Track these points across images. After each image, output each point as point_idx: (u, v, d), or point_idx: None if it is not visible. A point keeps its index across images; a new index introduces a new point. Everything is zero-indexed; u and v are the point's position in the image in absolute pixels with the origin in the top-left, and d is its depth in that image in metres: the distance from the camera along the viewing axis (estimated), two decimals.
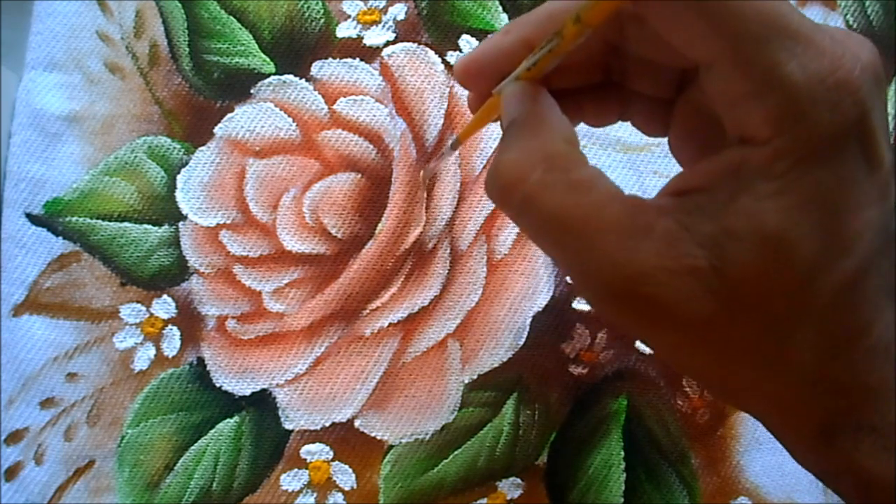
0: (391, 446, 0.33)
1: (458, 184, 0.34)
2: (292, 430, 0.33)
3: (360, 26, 0.35)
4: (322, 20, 0.35)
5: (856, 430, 0.17)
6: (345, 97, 0.34)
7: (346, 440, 0.33)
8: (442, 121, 0.34)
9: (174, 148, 0.34)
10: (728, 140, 0.17)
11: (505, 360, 0.33)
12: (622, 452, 0.33)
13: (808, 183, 0.16)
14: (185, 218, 0.34)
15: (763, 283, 0.16)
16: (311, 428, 0.33)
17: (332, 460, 0.33)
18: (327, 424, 0.33)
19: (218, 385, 0.33)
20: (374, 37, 0.35)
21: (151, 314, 0.33)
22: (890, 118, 0.37)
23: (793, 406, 0.17)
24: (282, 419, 0.33)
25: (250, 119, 0.34)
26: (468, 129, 0.25)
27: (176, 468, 0.32)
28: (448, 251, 0.34)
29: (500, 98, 0.20)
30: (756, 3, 0.15)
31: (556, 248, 0.18)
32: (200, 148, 0.34)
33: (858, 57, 0.16)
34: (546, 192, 0.18)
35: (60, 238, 0.33)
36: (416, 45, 0.35)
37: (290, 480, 0.33)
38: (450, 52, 0.35)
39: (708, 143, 0.19)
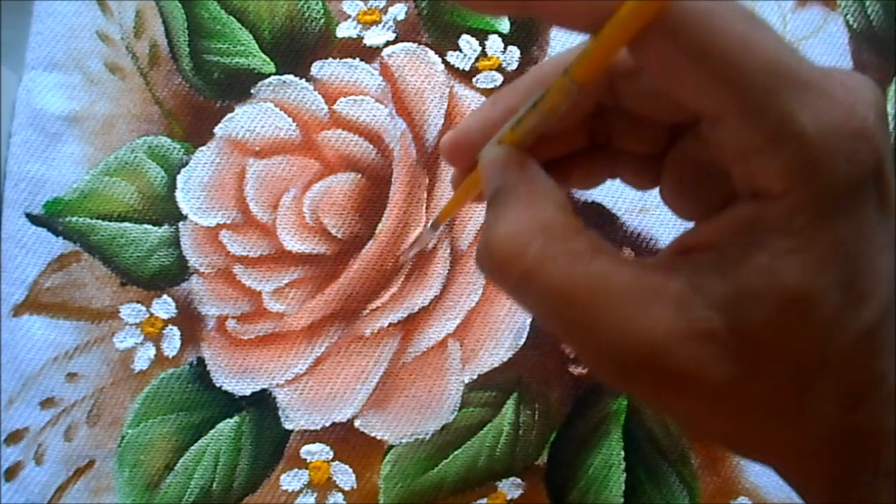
0: (391, 446, 0.33)
1: None
2: (292, 430, 0.33)
3: (360, 26, 0.35)
4: (322, 20, 0.35)
5: (874, 477, 0.17)
6: (345, 97, 0.34)
7: (346, 440, 0.33)
8: (442, 121, 0.34)
9: (174, 148, 0.34)
10: (738, 194, 0.16)
11: (505, 360, 0.33)
12: (622, 452, 0.33)
13: (827, 237, 0.15)
14: (185, 218, 0.33)
15: (784, 340, 0.16)
16: (311, 428, 0.33)
17: (332, 460, 0.33)
18: (327, 424, 0.33)
19: (218, 385, 0.33)
20: (374, 37, 0.35)
21: (151, 314, 0.33)
22: (890, 118, 0.37)
23: (812, 456, 0.17)
24: (282, 419, 0.33)
25: (250, 119, 0.34)
26: (447, 209, 0.24)
27: (176, 468, 0.32)
28: (448, 251, 0.34)
29: (480, 162, 0.19)
30: (763, 53, 0.15)
31: (560, 323, 0.17)
32: (200, 148, 0.34)
33: (869, 102, 0.16)
34: (546, 266, 0.17)
35: (60, 238, 0.33)
36: (416, 45, 0.35)
37: (290, 480, 0.33)
38: (450, 52, 0.35)
39: (703, 194, 0.18)
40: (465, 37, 0.35)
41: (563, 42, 0.36)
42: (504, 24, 0.35)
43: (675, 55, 0.15)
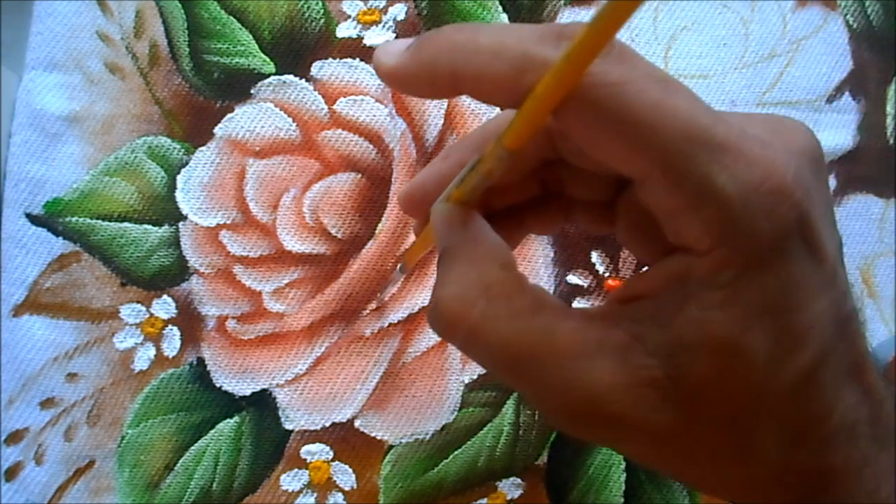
0: (391, 446, 0.33)
1: None
2: (292, 430, 0.33)
3: (360, 26, 0.35)
4: (322, 20, 0.35)
5: None
6: (345, 97, 0.34)
7: (346, 440, 0.33)
8: (442, 121, 0.34)
9: (174, 148, 0.34)
10: (671, 247, 0.17)
11: None
12: None
13: (754, 290, 0.16)
14: (185, 218, 0.34)
15: (719, 388, 0.16)
16: (311, 428, 0.33)
17: (333, 460, 0.33)
18: (327, 424, 0.33)
19: (218, 385, 0.33)
20: (374, 37, 0.35)
21: (151, 314, 0.33)
22: (890, 118, 0.37)
23: (763, 494, 0.18)
24: (282, 419, 0.33)
25: (250, 119, 0.34)
26: (411, 254, 0.25)
27: (176, 468, 0.32)
28: None
29: (430, 220, 0.20)
30: (678, 117, 0.15)
31: (509, 377, 0.18)
32: (200, 148, 0.34)
33: (792, 153, 0.16)
34: (490, 325, 0.17)
35: (60, 238, 0.33)
36: None
37: (290, 480, 0.33)
38: None
39: (653, 237, 0.19)
40: None
41: None
42: (504, 24, 0.35)
43: (594, 126, 0.16)
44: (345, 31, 0.35)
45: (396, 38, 0.35)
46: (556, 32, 0.16)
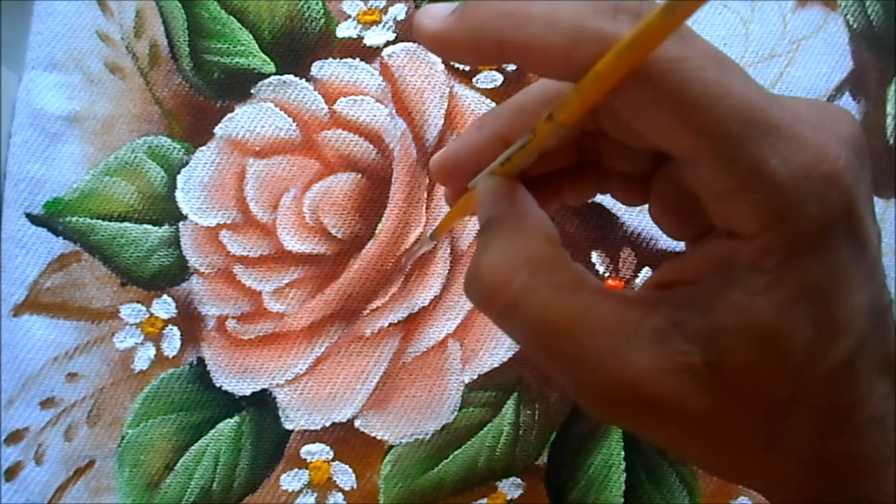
0: (391, 446, 0.33)
1: None
2: (292, 430, 0.33)
3: (360, 26, 0.35)
4: (322, 20, 0.35)
5: (852, 502, 0.17)
6: (345, 97, 0.34)
7: (347, 440, 0.33)
8: (442, 121, 0.34)
9: (174, 148, 0.34)
10: (714, 231, 0.17)
11: (505, 360, 0.33)
12: (622, 452, 0.33)
13: (798, 277, 0.16)
14: (185, 218, 0.33)
15: (758, 375, 0.16)
16: (312, 428, 0.33)
17: (333, 460, 0.33)
18: (327, 424, 0.33)
19: (218, 385, 0.33)
20: (374, 37, 0.35)
21: (151, 314, 0.33)
22: (890, 118, 0.37)
23: (790, 483, 0.17)
24: (282, 419, 0.33)
25: (250, 119, 0.34)
26: (444, 223, 0.25)
27: (176, 468, 0.32)
28: (448, 251, 0.34)
29: (475, 193, 0.20)
30: (733, 98, 0.15)
31: (544, 353, 0.18)
32: (200, 148, 0.34)
33: (841, 140, 0.16)
34: (531, 296, 0.17)
35: (60, 238, 0.33)
36: (416, 45, 0.35)
37: (290, 480, 0.33)
38: None
39: (687, 218, 0.19)
40: None
41: None
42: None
43: (649, 103, 0.16)
44: (345, 30, 0.35)
45: (396, 38, 0.35)
46: (613, 6, 0.16)
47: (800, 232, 0.15)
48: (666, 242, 0.34)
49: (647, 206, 0.21)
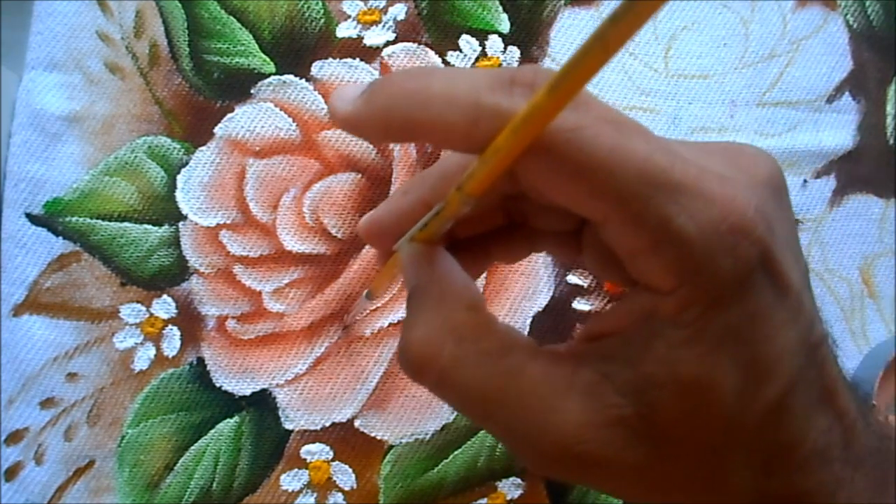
0: (391, 446, 0.33)
1: None
2: (292, 430, 0.33)
3: (360, 26, 0.35)
4: (322, 20, 0.35)
5: None
6: None
7: (346, 440, 0.33)
8: None
9: (174, 148, 0.34)
10: (638, 284, 0.17)
11: None
12: None
13: (718, 327, 0.16)
14: (185, 218, 0.33)
15: (689, 424, 0.16)
16: (311, 428, 0.33)
17: (332, 460, 0.33)
18: (327, 424, 0.33)
19: (218, 385, 0.33)
20: (374, 37, 0.35)
21: (151, 314, 0.33)
22: (890, 118, 0.37)
23: None
24: (282, 419, 0.33)
25: (250, 119, 0.34)
26: (377, 284, 0.26)
27: (176, 468, 0.32)
28: None
29: (397, 259, 0.20)
30: (634, 160, 0.15)
31: (480, 420, 0.18)
32: (200, 148, 0.34)
33: (755, 184, 0.16)
34: (459, 367, 0.17)
35: (60, 238, 0.33)
36: (416, 45, 0.35)
37: (290, 480, 0.33)
38: (450, 52, 0.35)
39: (618, 269, 0.19)
40: (465, 37, 0.35)
41: (562, 42, 0.36)
42: (504, 25, 0.35)
43: (551, 172, 0.16)
44: (345, 30, 0.35)
45: (396, 38, 0.35)
46: (509, 78, 0.16)
47: (715, 285, 0.15)
48: None
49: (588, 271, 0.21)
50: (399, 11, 0.35)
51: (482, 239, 0.22)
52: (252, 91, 0.34)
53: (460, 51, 0.35)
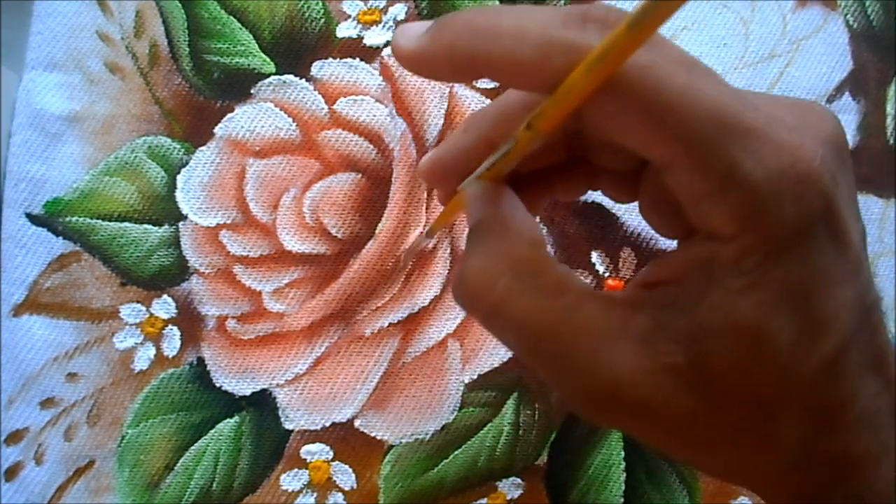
0: (391, 446, 0.33)
1: None
2: (292, 430, 0.33)
3: (360, 26, 0.35)
4: (322, 20, 0.35)
5: (843, 500, 0.17)
6: (345, 97, 0.34)
7: (346, 440, 0.33)
8: (442, 121, 0.34)
9: (174, 148, 0.34)
10: (696, 231, 0.17)
11: (505, 360, 0.33)
12: (622, 452, 0.33)
13: (778, 276, 0.16)
14: (185, 218, 0.34)
15: (742, 375, 0.16)
16: (311, 428, 0.33)
17: (332, 460, 0.33)
18: (327, 424, 0.33)
19: (218, 385, 0.33)
20: (374, 37, 0.35)
21: (151, 314, 0.33)
22: (890, 118, 0.37)
23: (781, 481, 0.18)
24: (282, 419, 0.33)
25: (250, 119, 0.34)
26: (438, 222, 0.26)
27: (176, 468, 0.32)
28: (448, 251, 0.34)
29: (463, 197, 0.20)
30: (705, 102, 0.15)
31: (529, 355, 0.18)
32: (200, 148, 0.34)
33: (820, 139, 0.16)
34: (515, 299, 0.17)
35: (60, 238, 0.33)
36: None
37: (290, 480, 0.33)
38: None
39: (675, 215, 0.19)
40: None
41: None
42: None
43: (621, 111, 0.16)
44: (345, 30, 0.35)
45: None
46: (582, 14, 0.16)
47: (777, 232, 0.15)
48: (666, 242, 0.34)
49: (642, 216, 0.21)
50: (399, 11, 0.35)
51: (543, 174, 0.22)
52: (252, 91, 0.34)
53: None
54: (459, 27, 0.17)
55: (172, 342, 0.33)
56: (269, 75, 0.34)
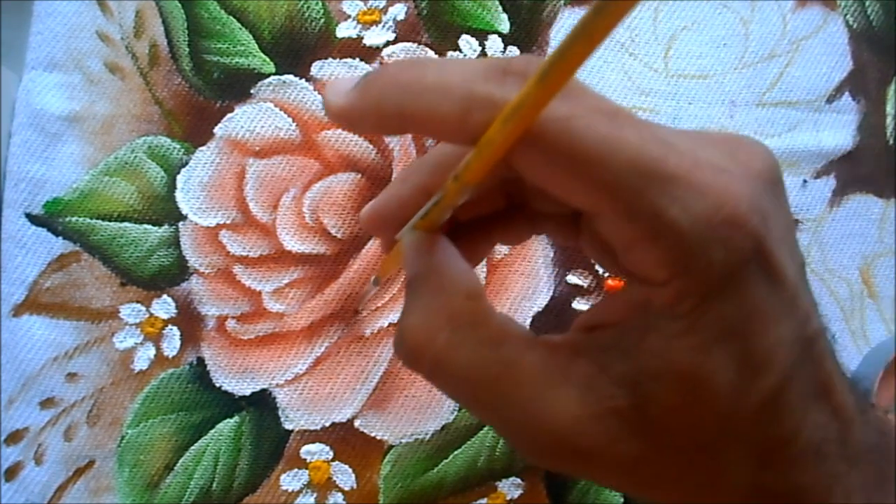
0: (391, 446, 0.33)
1: None
2: (292, 430, 0.33)
3: (360, 26, 0.35)
4: (322, 20, 0.35)
5: None
6: None
7: (346, 440, 0.33)
8: None
9: (174, 148, 0.34)
10: (633, 275, 0.17)
11: None
12: None
13: (712, 319, 0.16)
14: (185, 218, 0.34)
15: (684, 417, 0.16)
16: (311, 428, 0.33)
17: (332, 460, 0.33)
18: (327, 424, 0.33)
19: (218, 385, 0.33)
20: (374, 37, 0.35)
21: (151, 314, 0.33)
22: (890, 118, 0.37)
23: None
24: (282, 419, 0.33)
25: (250, 119, 0.34)
26: (382, 270, 0.26)
27: (176, 468, 0.32)
28: None
29: (399, 248, 0.20)
30: (626, 150, 0.15)
31: (475, 409, 0.18)
32: (200, 148, 0.34)
33: (750, 176, 0.16)
34: (455, 354, 0.17)
35: (60, 238, 0.33)
36: (416, 45, 0.35)
37: (290, 480, 0.33)
38: (450, 53, 0.35)
39: (613, 257, 0.19)
40: (465, 37, 0.35)
41: None
42: (504, 25, 0.35)
43: (543, 162, 0.16)
44: (345, 30, 0.35)
45: (396, 38, 0.35)
46: (502, 68, 0.16)
47: (709, 277, 0.15)
48: None
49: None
50: (399, 11, 0.35)
51: (484, 222, 0.22)
52: (252, 91, 0.34)
53: (460, 51, 0.35)
54: (385, 83, 0.17)
55: (172, 342, 0.33)
56: (268, 75, 0.34)
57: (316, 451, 0.33)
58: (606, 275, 0.34)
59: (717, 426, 0.16)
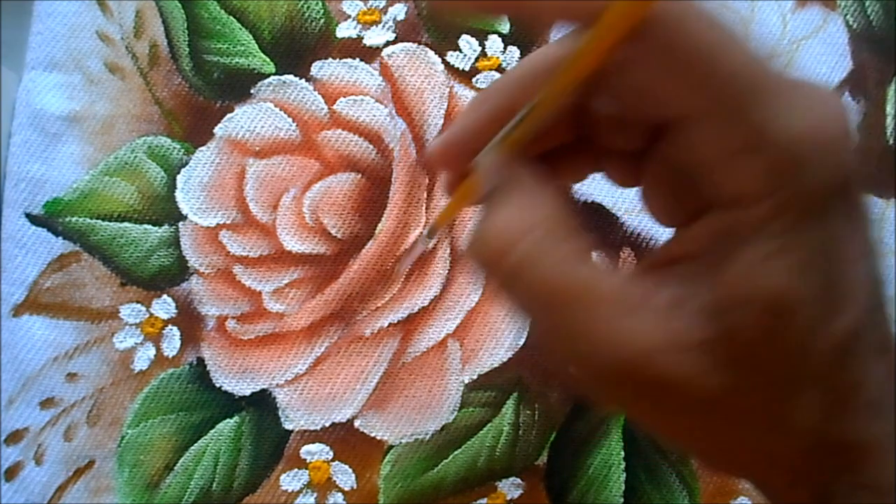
0: (391, 446, 0.33)
1: None
2: (292, 430, 0.33)
3: (360, 26, 0.35)
4: (322, 20, 0.35)
5: (854, 488, 0.16)
6: (345, 97, 0.34)
7: (346, 440, 0.33)
8: (442, 121, 0.34)
9: (174, 148, 0.34)
10: (713, 202, 0.16)
11: (505, 360, 0.33)
12: (622, 452, 0.33)
13: (807, 239, 0.15)
14: (185, 218, 0.34)
15: (770, 347, 0.15)
16: (311, 428, 0.33)
17: (332, 460, 0.33)
18: (327, 424, 0.33)
19: (218, 385, 0.33)
20: (374, 37, 0.35)
21: (151, 314, 0.33)
22: (890, 118, 0.37)
23: (793, 468, 0.17)
24: (282, 419, 0.33)
25: (250, 119, 0.34)
26: (443, 215, 0.24)
27: (176, 468, 0.32)
28: (448, 251, 0.34)
29: (478, 169, 0.19)
30: (743, 59, 0.15)
31: (545, 323, 0.17)
32: (200, 148, 0.34)
33: (838, 115, 0.16)
34: (537, 262, 0.16)
35: (60, 238, 0.33)
36: (416, 45, 0.35)
37: (290, 480, 0.33)
38: (450, 52, 0.35)
39: (679, 199, 0.18)
40: (464, 37, 0.35)
41: None
42: (504, 25, 0.35)
43: (652, 60, 0.15)
44: (345, 31, 0.35)
45: (396, 38, 0.35)
46: None
47: (807, 194, 0.15)
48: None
49: (643, 202, 0.21)
50: (399, 11, 0.35)
51: (548, 156, 0.21)
52: (252, 91, 0.34)
53: (460, 51, 0.35)
54: None
55: (172, 342, 0.33)
56: (269, 75, 0.34)
57: (316, 452, 0.33)
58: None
59: (796, 363, 0.16)
